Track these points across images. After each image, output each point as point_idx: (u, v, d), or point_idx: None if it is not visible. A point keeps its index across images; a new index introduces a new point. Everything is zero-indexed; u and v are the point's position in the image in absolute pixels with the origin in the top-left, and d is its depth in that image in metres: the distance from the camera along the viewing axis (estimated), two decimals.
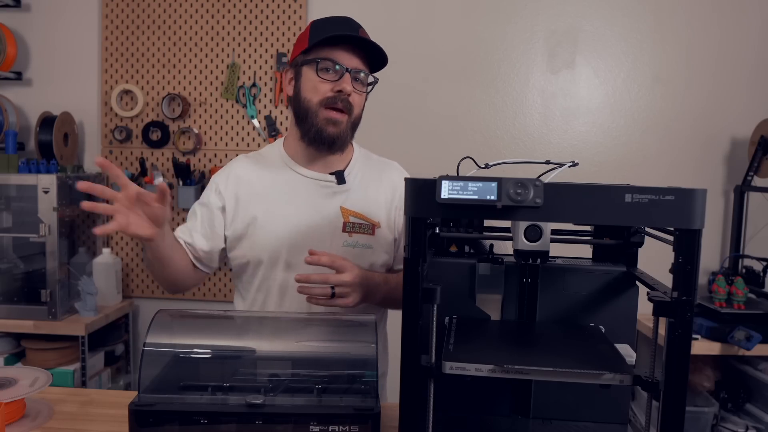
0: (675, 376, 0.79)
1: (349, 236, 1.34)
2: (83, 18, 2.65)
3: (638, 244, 1.08)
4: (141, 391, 1.02)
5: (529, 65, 2.55)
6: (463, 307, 1.05)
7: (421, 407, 0.87)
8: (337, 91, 1.28)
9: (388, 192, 1.41)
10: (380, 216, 1.39)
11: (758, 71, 2.49)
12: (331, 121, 1.29)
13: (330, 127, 1.30)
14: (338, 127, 1.30)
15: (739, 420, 2.18)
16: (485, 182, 0.80)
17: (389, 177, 1.44)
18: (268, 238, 1.34)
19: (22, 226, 2.42)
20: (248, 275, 1.39)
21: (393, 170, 1.47)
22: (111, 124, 2.65)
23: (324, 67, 1.28)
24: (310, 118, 1.30)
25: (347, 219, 1.34)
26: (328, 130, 1.30)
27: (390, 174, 1.45)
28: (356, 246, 1.34)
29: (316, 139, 1.31)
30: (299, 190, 1.36)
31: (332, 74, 1.28)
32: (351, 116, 1.32)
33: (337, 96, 1.28)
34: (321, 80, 1.28)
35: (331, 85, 1.28)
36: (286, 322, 1.27)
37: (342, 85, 1.28)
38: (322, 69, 1.28)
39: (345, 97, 1.28)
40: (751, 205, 2.43)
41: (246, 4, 2.58)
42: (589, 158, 2.54)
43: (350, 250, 1.34)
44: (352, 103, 1.30)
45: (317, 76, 1.28)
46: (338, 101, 1.28)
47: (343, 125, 1.30)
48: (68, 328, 2.29)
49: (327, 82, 1.28)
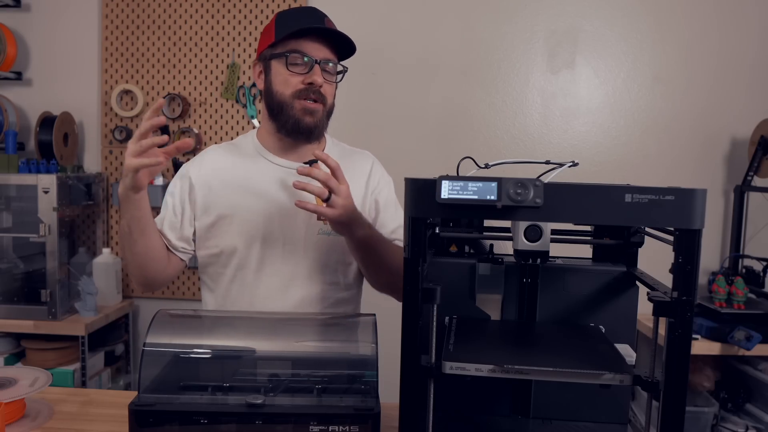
0: (675, 376, 0.79)
1: (324, 224, 1.35)
2: (83, 18, 2.65)
3: (638, 244, 1.08)
4: (141, 391, 1.02)
5: (529, 65, 2.55)
6: (463, 307, 1.05)
7: (421, 407, 0.87)
8: (309, 84, 1.29)
9: (361, 180, 1.42)
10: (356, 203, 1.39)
11: (758, 71, 2.49)
12: (308, 110, 1.30)
13: (307, 117, 1.31)
14: (315, 116, 1.31)
15: (739, 420, 2.18)
16: (485, 182, 0.80)
17: (361, 165, 1.45)
18: (242, 228, 1.34)
19: (22, 226, 2.42)
20: (219, 266, 1.38)
21: (365, 158, 1.48)
22: (111, 124, 2.65)
23: (293, 60, 1.29)
24: (285, 110, 1.31)
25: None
26: (306, 120, 1.31)
27: (362, 162, 1.46)
28: (331, 234, 1.34)
29: (294, 130, 1.32)
30: (273, 179, 1.36)
31: (302, 67, 1.29)
32: (325, 106, 1.33)
33: (308, 88, 1.29)
34: (291, 73, 1.29)
35: (301, 77, 1.29)
36: (286, 322, 1.27)
37: (313, 77, 1.28)
38: (291, 62, 1.29)
39: (317, 88, 1.29)
40: (751, 205, 2.43)
41: (246, 4, 2.58)
42: (589, 158, 2.54)
43: (325, 238, 1.35)
44: (324, 93, 1.31)
45: (287, 69, 1.29)
46: (311, 93, 1.29)
47: (319, 114, 1.32)
48: (68, 328, 2.29)
49: (297, 75, 1.29)
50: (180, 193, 1.39)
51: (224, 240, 1.35)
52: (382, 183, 1.46)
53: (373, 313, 1.22)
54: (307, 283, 1.36)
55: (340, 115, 2.58)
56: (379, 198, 1.44)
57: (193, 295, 2.65)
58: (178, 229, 1.37)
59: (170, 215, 1.38)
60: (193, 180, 1.38)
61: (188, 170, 1.40)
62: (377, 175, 1.46)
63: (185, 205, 1.38)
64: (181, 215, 1.37)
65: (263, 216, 1.34)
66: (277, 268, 1.35)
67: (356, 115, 2.57)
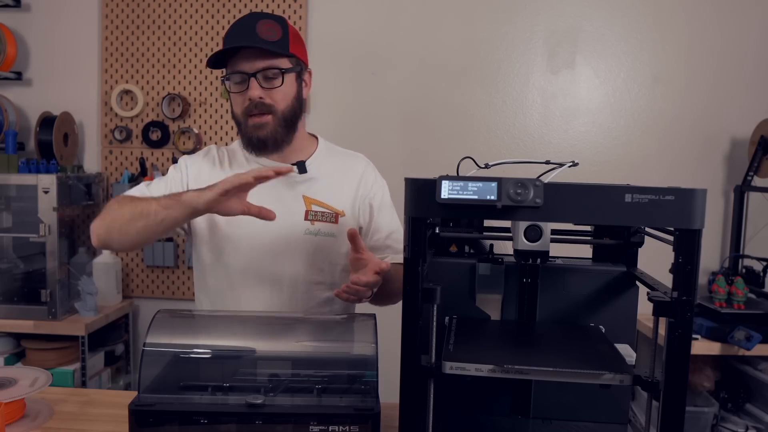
0: (675, 376, 0.79)
1: (311, 224, 1.37)
2: (83, 18, 2.65)
3: (638, 244, 1.08)
4: (141, 391, 1.02)
5: (529, 65, 2.55)
6: (463, 307, 1.05)
7: (421, 407, 0.87)
8: (249, 99, 1.31)
9: (353, 182, 1.44)
10: (345, 205, 1.41)
11: (758, 71, 2.49)
12: (256, 126, 1.33)
13: (258, 132, 1.33)
14: (265, 129, 1.33)
15: (739, 420, 2.18)
16: (485, 182, 0.80)
17: (354, 168, 1.46)
18: (231, 227, 1.35)
19: (22, 226, 2.41)
20: (211, 266, 1.40)
21: (358, 161, 1.49)
22: (111, 124, 2.65)
23: (233, 81, 1.32)
24: (242, 128, 1.35)
25: (309, 207, 1.37)
26: (256, 134, 1.33)
27: (355, 165, 1.47)
28: (318, 234, 1.37)
29: (250, 145, 1.36)
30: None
31: (240, 84, 1.32)
32: (276, 114, 1.33)
33: (251, 104, 1.31)
34: (235, 93, 1.33)
35: (242, 96, 1.32)
36: (286, 322, 1.28)
37: (249, 93, 1.30)
38: (232, 83, 1.33)
39: (257, 102, 1.31)
40: (751, 205, 2.43)
41: (246, 4, 2.58)
42: (589, 158, 2.54)
43: (312, 238, 1.36)
44: (271, 102, 1.32)
45: (232, 91, 1.34)
46: (253, 108, 1.31)
47: (269, 126, 1.33)
48: (68, 328, 2.29)
49: (240, 94, 1.32)
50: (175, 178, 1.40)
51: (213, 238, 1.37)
52: (375, 187, 1.46)
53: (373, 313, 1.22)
54: (293, 282, 1.37)
55: (340, 114, 2.60)
56: (373, 202, 1.45)
57: (192, 295, 2.65)
58: None
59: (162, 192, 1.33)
60: (190, 175, 1.40)
61: (186, 164, 1.42)
62: (370, 179, 1.46)
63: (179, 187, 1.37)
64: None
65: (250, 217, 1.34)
66: (264, 267, 1.36)
67: (356, 115, 2.57)
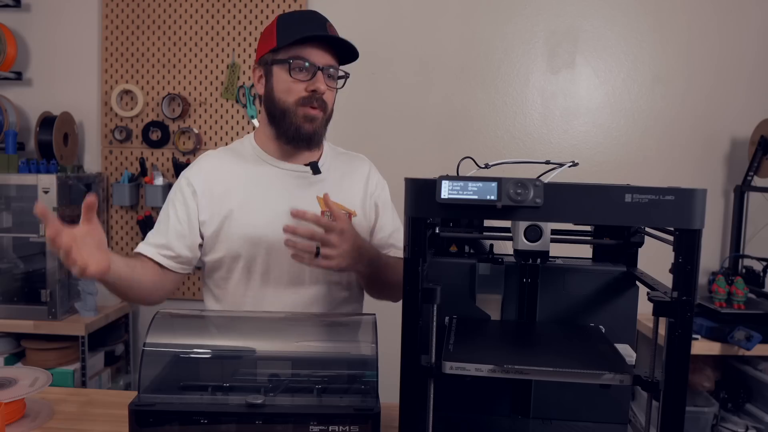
0: (675, 376, 0.79)
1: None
2: (83, 18, 2.65)
3: (638, 244, 1.08)
4: (141, 391, 1.02)
5: (529, 65, 2.55)
6: (463, 307, 1.05)
7: (421, 407, 0.87)
8: (312, 91, 1.29)
9: (360, 182, 1.44)
10: (356, 205, 1.41)
11: (758, 71, 2.49)
12: (309, 117, 1.30)
13: (307, 125, 1.31)
14: (315, 123, 1.32)
15: (739, 420, 2.18)
16: (485, 182, 0.80)
17: (359, 168, 1.47)
18: (246, 232, 1.33)
19: (22, 226, 2.42)
20: (224, 271, 1.37)
21: (362, 162, 1.50)
22: (111, 124, 2.65)
23: (296, 67, 1.28)
24: (288, 117, 1.31)
25: (324, 208, 1.35)
26: (306, 127, 1.31)
27: (360, 165, 1.48)
28: None
29: (295, 137, 1.32)
30: (275, 182, 1.36)
31: (305, 73, 1.29)
32: (326, 112, 1.33)
33: (311, 96, 1.29)
34: (294, 80, 1.29)
35: (304, 84, 1.29)
36: (286, 322, 1.28)
37: (316, 84, 1.28)
38: (294, 69, 1.28)
39: (319, 96, 1.29)
40: (751, 205, 2.43)
41: (246, 4, 2.58)
42: (589, 158, 2.54)
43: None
44: (326, 100, 1.32)
45: (290, 76, 1.29)
46: (313, 101, 1.29)
47: (319, 121, 1.32)
48: (68, 328, 2.29)
49: (300, 82, 1.29)
50: (183, 201, 1.35)
51: (228, 245, 1.34)
52: (379, 187, 1.47)
53: (373, 313, 1.22)
54: (314, 283, 1.36)
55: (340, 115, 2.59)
56: (378, 201, 1.45)
57: (193, 295, 2.65)
58: (186, 236, 1.33)
59: (175, 224, 1.33)
60: (195, 187, 1.35)
61: (189, 178, 1.37)
62: (375, 179, 1.47)
63: (191, 213, 1.34)
64: (187, 223, 1.34)
65: (266, 220, 1.33)
66: (284, 270, 1.34)
67: (356, 115, 2.57)
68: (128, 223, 2.67)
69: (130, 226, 2.67)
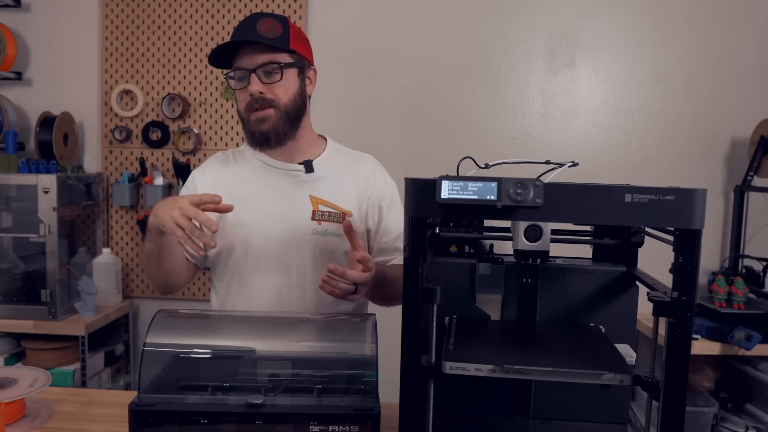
0: (675, 376, 0.79)
1: (318, 224, 1.37)
2: (83, 18, 2.65)
3: (638, 244, 1.08)
4: (141, 391, 1.02)
5: (529, 65, 2.55)
6: (463, 307, 1.05)
7: (421, 407, 0.87)
8: (250, 95, 1.32)
9: (360, 183, 1.44)
10: (352, 206, 1.41)
11: (758, 71, 2.49)
12: (258, 119, 1.33)
13: (260, 125, 1.33)
14: (267, 122, 1.33)
15: (739, 420, 2.18)
16: (485, 182, 0.80)
17: (362, 169, 1.46)
18: (239, 228, 1.36)
19: (22, 226, 2.41)
20: (221, 265, 1.42)
21: (367, 162, 1.49)
22: (111, 124, 2.65)
23: (235, 77, 1.34)
24: (245, 125, 1.36)
25: (316, 207, 1.37)
26: (259, 128, 1.34)
27: (363, 166, 1.47)
28: (325, 234, 1.37)
29: (254, 140, 1.36)
30: (268, 180, 1.40)
31: (243, 81, 1.33)
32: (279, 108, 1.33)
33: (252, 99, 1.32)
34: (238, 90, 1.34)
35: (245, 92, 1.33)
36: (286, 322, 1.28)
37: (250, 88, 1.31)
38: (235, 80, 1.34)
39: (258, 97, 1.31)
40: (751, 205, 2.43)
41: (246, 4, 2.58)
42: (589, 158, 2.54)
43: (319, 238, 1.37)
44: (273, 97, 1.32)
45: (235, 88, 1.35)
46: (255, 103, 1.32)
47: (271, 119, 1.33)
48: (68, 328, 2.29)
49: (242, 91, 1.33)
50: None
51: (224, 240, 1.37)
52: (385, 188, 1.46)
53: (373, 313, 1.22)
54: (302, 282, 1.37)
55: (340, 115, 2.60)
56: (382, 203, 1.44)
57: (193, 295, 2.65)
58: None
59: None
60: (198, 187, 1.42)
61: (194, 177, 1.45)
62: (380, 180, 1.46)
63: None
64: None
65: (258, 216, 1.36)
66: (273, 267, 1.37)
67: (356, 115, 2.57)
68: (128, 223, 2.67)
69: (130, 226, 2.67)
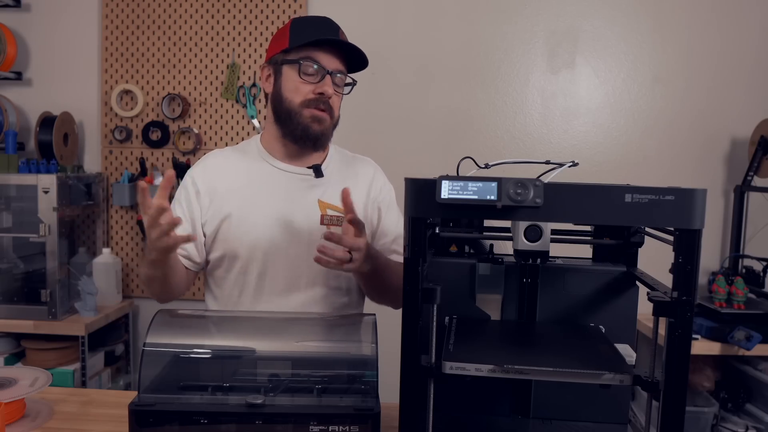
0: (675, 376, 0.79)
1: (326, 228, 1.34)
2: (83, 18, 2.65)
3: (638, 244, 1.08)
4: (141, 391, 1.02)
5: (529, 65, 2.55)
6: (463, 307, 1.05)
7: (421, 407, 0.87)
8: (319, 93, 1.30)
9: (364, 186, 1.44)
10: (357, 209, 1.40)
11: (758, 71, 2.49)
12: (316, 118, 1.32)
13: (315, 125, 1.32)
14: (323, 124, 1.33)
15: (739, 420, 2.18)
16: (485, 182, 0.80)
17: (364, 172, 1.46)
18: (245, 232, 1.34)
19: (22, 226, 2.41)
20: (222, 270, 1.38)
21: (367, 165, 1.49)
22: (111, 124, 2.65)
23: (306, 69, 1.30)
24: (294, 118, 1.32)
25: (324, 212, 1.36)
26: (314, 127, 1.32)
27: (365, 169, 1.47)
28: None
29: (302, 137, 1.33)
30: (277, 183, 1.37)
31: (314, 76, 1.31)
32: (332, 116, 1.35)
33: (318, 98, 1.31)
34: (302, 81, 1.31)
35: (312, 86, 1.31)
36: (286, 322, 1.27)
37: (323, 87, 1.30)
38: (304, 70, 1.30)
39: (326, 99, 1.31)
40: (751, 205, 2.43)
41: (246, 4, 2.58)
42: (589, 158, 2.54)
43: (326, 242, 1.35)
44: (332, 105, 1.33)
45: (299, 77, 1.31)
46: (320, 103, 1.31)
47: (326, 123, 1.34)
48: (68, 328, 2.29)
49: (308, 84, 1.31)
50: (187, 200, 1.38)
51: (227, 244, 1.35)
52: (384, 191, 1.47)
53: (373, 313, 1.22)
54: (310, 287, 1.36)
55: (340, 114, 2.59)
56: (381, 206, 1.45)
57: (193, 295, 2.65)
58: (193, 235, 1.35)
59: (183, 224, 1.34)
60: (198, 186, 1.37)
61: (193, 177, 1.40)
62: (379, 183, 1.47)
63: (194, 213, 1.36)
64: (190, 223, 1.36)
65: (266, 220, 1.34)
66: (280, 272, 1.35)
67: (356, 115, 2.57)
68: (128, 223, 2.67)
69: (130, 226, 2.67)
